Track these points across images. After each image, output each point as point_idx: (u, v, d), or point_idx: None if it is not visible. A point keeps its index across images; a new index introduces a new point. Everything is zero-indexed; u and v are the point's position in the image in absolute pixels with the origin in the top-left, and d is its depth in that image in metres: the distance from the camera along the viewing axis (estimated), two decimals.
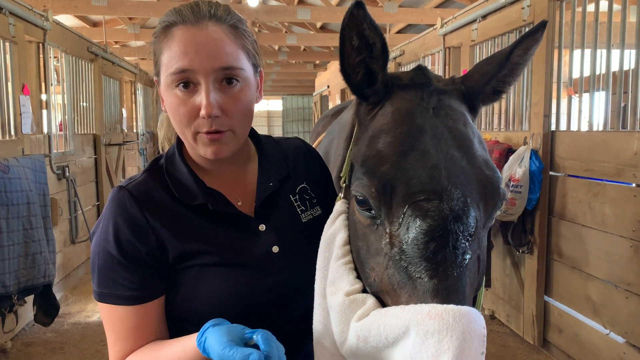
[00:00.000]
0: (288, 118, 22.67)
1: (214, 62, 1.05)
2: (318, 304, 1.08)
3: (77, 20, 10.11)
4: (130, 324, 1.10)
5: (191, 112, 1.07)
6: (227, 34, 1.09)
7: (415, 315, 0.83)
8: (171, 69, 1.06)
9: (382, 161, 0.97)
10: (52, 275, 3.82)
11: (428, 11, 8.11)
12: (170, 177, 1.17)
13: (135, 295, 1.09)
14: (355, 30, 1.01)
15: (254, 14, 7.69)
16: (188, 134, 1.10)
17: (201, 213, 1.15)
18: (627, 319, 2.94)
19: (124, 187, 1.14)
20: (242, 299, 1.12)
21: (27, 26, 4.31)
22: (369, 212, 0.98)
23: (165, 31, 1.09)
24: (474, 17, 4.50)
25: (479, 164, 0.99)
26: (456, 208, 0.90)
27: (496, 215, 1.05)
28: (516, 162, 3.61)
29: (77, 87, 5.82)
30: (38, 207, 3.81)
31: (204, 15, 1.08)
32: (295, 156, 1.35)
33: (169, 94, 1.09)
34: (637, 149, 2.83)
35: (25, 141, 4.18)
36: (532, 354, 3.76)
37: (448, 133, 1.00)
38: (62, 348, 3.91)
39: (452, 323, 0.80)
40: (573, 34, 3.44)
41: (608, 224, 3.08)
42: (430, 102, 1.05)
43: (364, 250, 1.00)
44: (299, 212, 1.27)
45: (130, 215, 1.10)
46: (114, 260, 1.08)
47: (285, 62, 15.43)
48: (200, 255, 1.12)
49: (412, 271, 0.88)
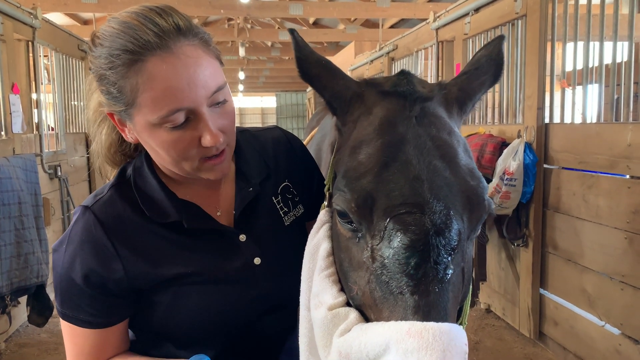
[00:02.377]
0: (282, 115, 22.61)
1: (207, 89, 0.97)
2: (303, 317, 1.06)
3: (67, 18, 10.04)
4: (92, 342, 1.07)
5: (191, 145, 0.99)
6: (202, 51, 0.99)
7: (395, 333, 0.81)
8: (162, 112, 0.95)
9: (363, 173, 0.94)
10: (45, 275, 3.79)
11: (420, 5, 8.11)
12: (140, 192, 1.09)
13: (99, 322, 1.06)
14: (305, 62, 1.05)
15: (245, 10, 7.66)
16: (187, 165, 1.03)
17: (176, 230, 1.08)
18: (622, 310, 2.95)
19: (89, 207, 1.06)
20: (223, 315, 1.09)
21: (16, 24, 4.26)
22: (350, 224, 0.95)
23: (133, 66, 0.94)
24: (467, 10, 4.49)
25: (463, 174, 0.95)
26: (438, 221, 0.87)
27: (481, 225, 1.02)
28: (510, 156, 3.61)
29: (68, 85, 5.77)
30: (30, 207, 3.78)
31: (171, 34, 0.95)
32: (275, 151, 1.27)
33: (156, 133, 0.99)
34: (630, 141, 2.83)
35: (16, 140, 4.14)
36: (528, 347, 3.77)
37: (431, 142, 0.96)
38: (56, 349, 3.89)
39: (431, 341, 0.78)
40: (566, 27, 3.44)
41: (602, 215, 3.08)
42: (414, 110, 1.01)
43: (347, 262, 0.97)
44: (282, 214, 1.22)
45: (96, 243, 1.03)
46: (77, 287, 1.03)
47: (278, 58, 15.39)
48: (175, 277, 1.07)
49: (393, 286, 0.86)
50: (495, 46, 1.15)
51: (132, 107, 0.98)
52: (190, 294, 1.07)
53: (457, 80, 1.13)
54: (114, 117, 1.04)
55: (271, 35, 11.53)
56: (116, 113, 1.02)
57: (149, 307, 1.08)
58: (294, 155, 1.30)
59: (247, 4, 7.78)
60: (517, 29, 3.87)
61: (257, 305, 1.13)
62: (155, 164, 1.12)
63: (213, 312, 1.08)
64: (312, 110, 14.26)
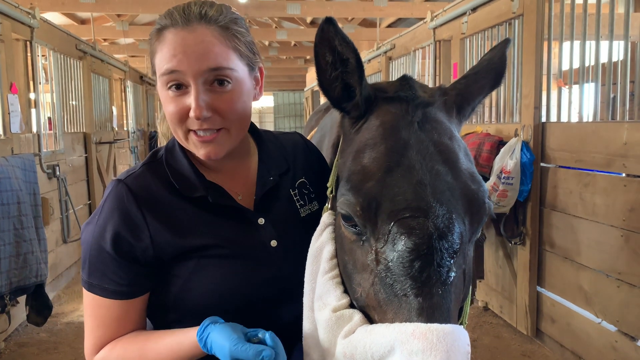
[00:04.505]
0: (279, 114, 22.61)
1: (202, 63, 1.06)
2: (307, 317, 1.08)
3: (65, 17, 10.02)
4: (113, 314, 1.11)
5: (181, 113, 1.08)
6: (216, 35, 1.09)
7: (399, 334, 0.83)
8: (161, 70, 1.08)
9: (367, 177, 0.96)
10: (44, 274, 3.80)
11: (418, 5, 8.12)
12: (170, 168, 1.17)
13: (123, 291, 1.10)
14: (328, 46, 1.01)
15: (243, 10, 7.66)
16: (180, 132, 1.12)
17: (200, 206, 1.15)
18: (619, 307, 2.97)
19: (122, 180, 1.14)
20: (240, 291, 1.12)
21: (14, 24, 4.26)
22: (355, 228, 0.97)
23: (158, 34, 1.10)
24: (464, 9, 4.51)
25: (465, 178, 0.98)
26: (441, 225, 0.89)
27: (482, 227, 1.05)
28: (507, 154, 3.63)
29: (66, 85, 5.77)
30: (28, 206, 3.79)
31: (194, 17, 1.08)
32: (294, 151, 1.36)
33: (162, 94, 1.11)
34: (626, 139, 2.85)
35: (15, 140, 4.14)
36: (526, 344, 3.79)
37: (433, 147, 0.99)
38: (56, 348, 3.90)
39: (435, 342, 0.80)
40: (562, 26, 3.46)
41: (599, 213, 3.10)
42: (416, 115, 1.04)
43: (351, 265, 0.99)
44: (298, 206, 1.28)
45: (126, 210, 1.10)
46: (106, 255, 1.09)
47: (275, 57, 15.37)
48: (198, 248, 1.12)
49: (397, 289, 0.88)
50: (498, 50, 1.17)
51: (154, 67, 1.13)
52: (208, 267, 1.12)
53: (456, 84, 1.16)
54: None
55: (269, 35, 11.53)
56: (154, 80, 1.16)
57: (168, 281, 1.13)
58: (310, 157, 1.38)
59: (244, 4, 7.78)
60: (514, 29, 3.88)
61: (272, 287, 1.16)
62: None
63: (230, 288, 1.12)
64: (309, 109, 14.26)
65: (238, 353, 0.92)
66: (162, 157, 1.21)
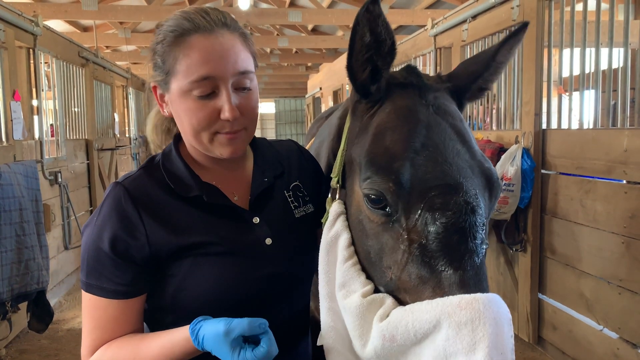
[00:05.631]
0: (281, 120, 22.64)
1: (234, 67, 1.10)
2: (327, 308, 1.07)
3: (68, 25, 10.08)
4: (110, 315, 1.12)
5: (211, 116, 1.10)
6: (239, 41, 1.14)
7: (445, 307, 0.84)
8: (192, 76, 1.08)
9: (394, 158, 0.99)
10: (46, 281, 3.80)
11: (419, 12, 8.16)
12: (167, 171, 1.20)
13: (120, 290, 1.11)
14: (369, 26, 1.02)
15: (244, 17, 7.70)
16: (205, 136, 1.13)
17: (196, 205, 1.17)
18: (620, 314, 2.97)
19: (120, 182, 1.17)
20: (236, 288, 1.13)
21: (17, 32, 4.30)
22: (384, 209, 0.98)
23: (179, 39, 1.10)
24: (464, 17, 4.53)
25: (479, 157, 1.03)
26: (471, 200, 0.93)
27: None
28: (508, 161, 3.64)
29: (68, 92, 5.79)
30: (30, 213, 3.79)
31: (217, 24, 1.11)
32: (288, 156, 1.38)
33: (184, 100, 1.11)
34: (626, 146, 2.86)
35: (17, 147, 4.16)
36: (527, 352, 3.78)
37: (450, 129, 1.04)
38: (56, 354, 3.89)
39: (483, 311, 0.81)
40: (562, 33, 3.47)
41: (600, 220, 3.10)
42: (429, 100, 1.08)
43: (376, 249, 1.00)
44: (292, 207, 1.29)
45: (123, 211, 1.12)
46: (104, 255, 1.10)
47: (277, 64, 15.43)
48: (194, 246, 1.13)
49: (436, 265, 0.90)
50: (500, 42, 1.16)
51: (171, 75, 1.12)
52: (205, 265, 1.13)
53: (452, 73, 1.20)
54: (156, 92, 1.20)
55: (270, 42, 11.58)
56: (158, 84, 1.17)
57: (165, 281, 1.14)
58: (304, 162, 1.40)
59: (246, 11, 7.83)
60: None
61: (267, 284, 1.17)
62: (183, 150, 1.24)
63: (226, 286, 1.13)
64: (311, 116, 14.28)
65: (233, 326, 0.96)
66: (159, 161, 1.23)
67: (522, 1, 3.73)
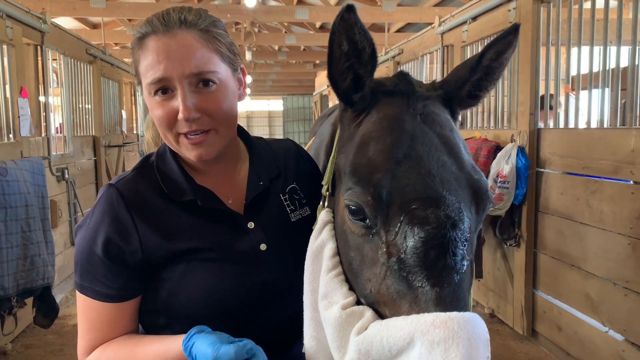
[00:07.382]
0: (289, 118, 22.67)
1: (186, 67, 1.07)
2: (310, 318, 1.06)
3: (76, 22, 10.13)
4: (104, 317, 1.12)
5: (170, 116, 1.09)
6: (197, 38, 1.10)
7: (419, 325, 0.81)
8: (148, 79, 1.09)
9: (375, 169, 0.95)
10: (51, 277, 3.83)
11: (426, 10, 8.12)
12: (161, 173, 1.18)
13: (113, 294, 1.11)
14: (345, 34, 0.99)
15: (252, 15, 7.71)
16: (170, 136, 1.12)
17: (190, 209, 1.15)
18: (626, 316, 2.93)
19: (113, 184, 1.16)
20: (229, 294, 1.12)
21: (25, 29, 4.32)
22: (363, 221, 0.95)
23: (140, 42, 1.12)
24: (465, 18, 4.60)
25: (468, 169, 0.98)
26: (452, 214, 0.89)
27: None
28: (503, 159, 3.72)
29: (76, 89, 5.83)
30: (36, 209, 3.82)
31: (174, 23, 1.10)
32: (285, 157, 1.36)
33: (149, 100, 1.13)
34: (634, 146, 2.82)
35: (24, 144, 4.19)
36: (522, 344, 3.82)
37: (437, 139, 0.99)
38: (62, 350, 3.92)
39: (457, 330, 0.79)
40: (558, 33, 3.48)
41: (606, 221, 3.07)
42: (417, 108, 1.04)
43: (358, 261, 0.98)
44: (289, 211, 1.27)
45: (116, 214, 1.11)
46: (97, 258, 1.10)
47: (285, 62, 15.44)
48: (187, 252, 1.12)
49: (413, 280, 0.87)
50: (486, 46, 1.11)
51: (139, 77, 1.14)
52: (198, 271, 1.12)
53: (444, 80, 1.15)
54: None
55: (278, 40, 11.58)
56: (138, 86, 1.17)
57: (158, 285, 1.13)
58: (302, 163, 1.38)
59: (253, 9, 7.83)
60: None
61: (261, 290, 1.16)
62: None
63: (219, 292, 1.12)
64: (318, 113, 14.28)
65: (220, 354, 0.94)
66: (153, 161, 1.22)
67: (518, 3, 3.77)
